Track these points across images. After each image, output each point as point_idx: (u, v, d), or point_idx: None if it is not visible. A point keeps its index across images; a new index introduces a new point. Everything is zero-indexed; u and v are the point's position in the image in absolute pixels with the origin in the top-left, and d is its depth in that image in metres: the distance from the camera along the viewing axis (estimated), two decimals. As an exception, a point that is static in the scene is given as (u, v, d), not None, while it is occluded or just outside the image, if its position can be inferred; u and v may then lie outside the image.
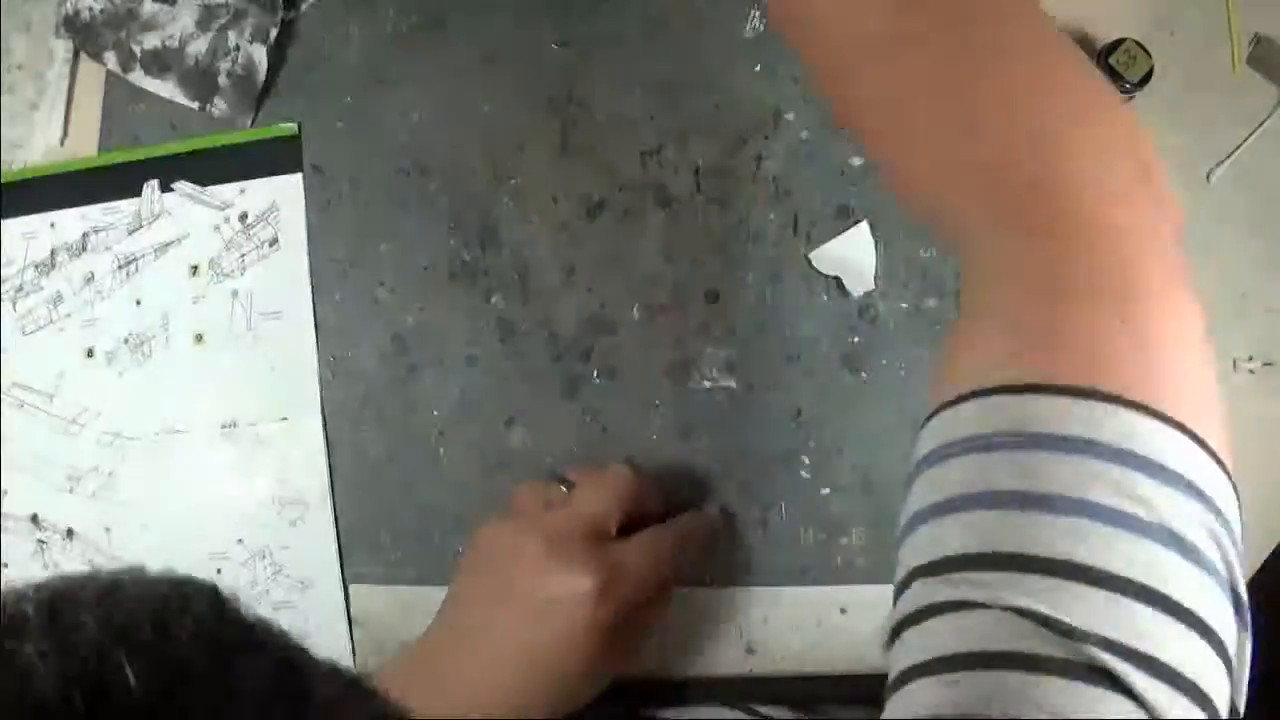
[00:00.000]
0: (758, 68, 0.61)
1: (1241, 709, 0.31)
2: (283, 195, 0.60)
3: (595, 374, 0.59)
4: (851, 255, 0.59)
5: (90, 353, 0.60)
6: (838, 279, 0.59)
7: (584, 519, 0.49)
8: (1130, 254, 0.34)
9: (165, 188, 0.60)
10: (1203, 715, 0.29)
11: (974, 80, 0.37)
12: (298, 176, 0.60)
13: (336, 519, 0.58)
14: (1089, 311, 0.33)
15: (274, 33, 0.60)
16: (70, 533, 0.59)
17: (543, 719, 0.47)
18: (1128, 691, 0.29)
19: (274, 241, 0.60)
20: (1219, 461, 0.32)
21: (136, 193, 0.60)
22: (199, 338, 0.60)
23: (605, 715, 0.56)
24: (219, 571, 0.58)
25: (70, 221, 0.61)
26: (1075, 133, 0.35)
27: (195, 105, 0.60)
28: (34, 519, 0.59)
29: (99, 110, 0.61)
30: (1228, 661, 0.31)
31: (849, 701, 0.75)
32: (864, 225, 0.60)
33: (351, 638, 0.59)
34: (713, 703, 0.57)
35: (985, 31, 0.37)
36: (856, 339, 0.59)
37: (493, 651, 0.47)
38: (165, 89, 0.60)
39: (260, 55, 0.60)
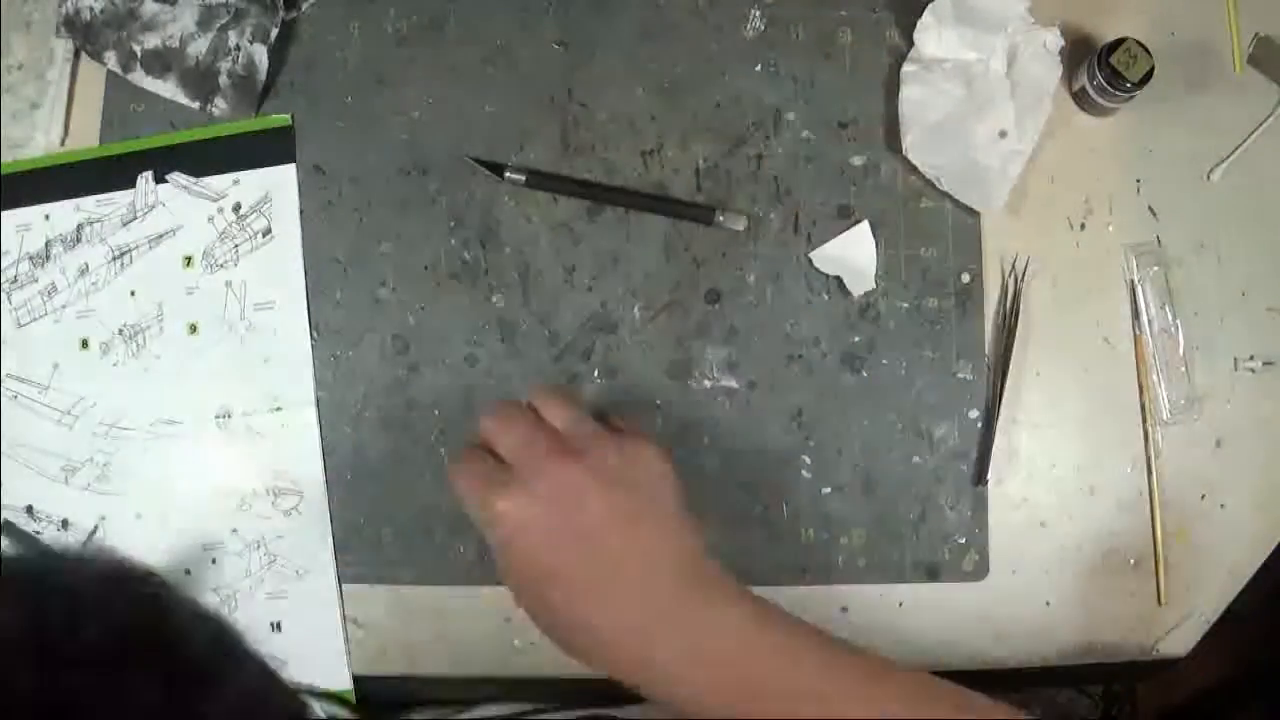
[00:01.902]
0: (758, 68, 0.61)
1: None
2: (276, 186, 0.60)
3: (595, 374, 0.59)
4: (852, 255, 0.59)
5: (85, 344, 0.60)
6: (838, 279, 0.59)
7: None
8: None
9: (159, 179, 0.61)
10: None
11: None
12: (291, 167, 0.60)
13: (331, 510, 0.58)
14: None
15: (274, 33, 0.60)
16: (65, 523, 0.59)
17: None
18: None
19: (267, 232, 0.60)
20: None
21: (130, 184, 0.61)
22: (193, 328, 0.60)
23: (575, 715, 0.56)
24: (214, 562, 0.58)
25: (65, 213, 0.61)
26: None
27: (196, 105, 0.61)
28: (29, 510, 0.59)
29: (99, 110, 0.61)
30: None
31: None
32: (864, 225, 0.60)
33: (345, 630, 0.58)
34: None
35: None
36: (857, 339, 0.59)
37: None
38: (166, 89, 0.61)
39: (261, 55, 0.60)
